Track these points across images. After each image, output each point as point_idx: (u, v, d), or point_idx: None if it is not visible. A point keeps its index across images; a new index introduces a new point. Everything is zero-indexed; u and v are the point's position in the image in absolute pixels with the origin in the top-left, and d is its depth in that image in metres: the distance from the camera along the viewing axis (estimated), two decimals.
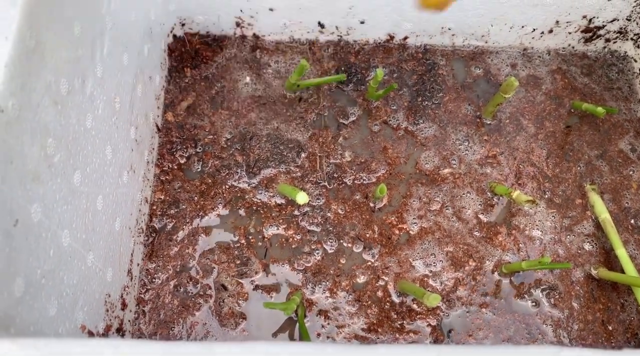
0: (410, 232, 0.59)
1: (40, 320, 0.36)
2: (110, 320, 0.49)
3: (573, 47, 0.68)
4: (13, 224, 0.33)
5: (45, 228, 0.37)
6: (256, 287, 0.56)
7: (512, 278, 0.57)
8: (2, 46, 0.32)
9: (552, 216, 0.60)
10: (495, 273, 0.57)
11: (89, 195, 0.43)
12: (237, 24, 0.66)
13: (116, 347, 0.26)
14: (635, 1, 0.62)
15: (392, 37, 0.67)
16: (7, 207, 0.32)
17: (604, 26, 0.65)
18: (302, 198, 0.55)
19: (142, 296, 0.55)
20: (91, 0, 0.43)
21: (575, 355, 0.26)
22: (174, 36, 0.65)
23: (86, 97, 0.43)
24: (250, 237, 0.58)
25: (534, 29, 0.65)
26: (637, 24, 0.64)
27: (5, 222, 0.32)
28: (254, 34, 0.67)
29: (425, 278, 0.57)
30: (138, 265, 0.55)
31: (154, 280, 0.56)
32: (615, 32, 0.66)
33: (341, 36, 0.67)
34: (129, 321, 0.53)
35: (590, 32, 0.66)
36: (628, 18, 0.64)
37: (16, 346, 0.26)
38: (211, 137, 0.62)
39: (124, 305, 0.51)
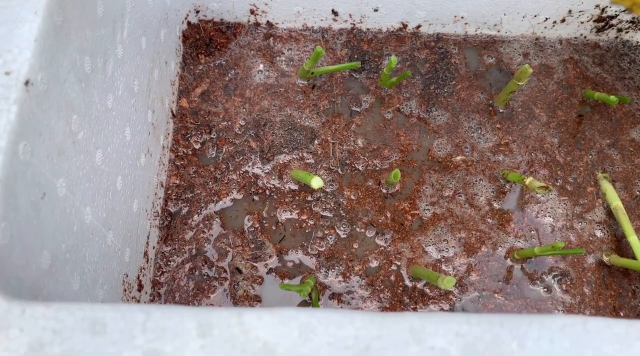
0: (423, 218, 0.59)
1: (64, 293, 0.36)
2: (128, 300, 0.49)
3: (585, 37, 0.68)
4: (41, 197, 0.33)
5: (70, 203, 0.37)
6: (270, 271, 0.56)
7: (524, 264, 0.57)
8: (33, 20, 0.32)
9: (564, 203, 0.60)
10: (508, 259, 0.58)
11: (109, 174, 0.44)
12: (251, 12, 0.66)
13: (147, 313, 0.26)
14: None
15: (405, 26, 0.67)
16: (35, 179, 0.32)
17: (616, 16, 0.65)
18: (316, 182, 0.55)
19: (158, 278, 0.56)
20: None
21: (600, 324, 0.26)
22: (189, 23, 0.66)
23: (107, 77, 0.43)
24: (265, 222, 0.58)
25: (547, 18, 0.66)
26: None
27: (34, 194, 0.32)
28: (268, 22, 0.67)
29: (438, 264, 0.57)
30: (154, 247, 0.56)
31: (169, 263, 0.56)
32: (627, 22, 0.66)
33: (354, 24, 0.67)
34: (145, 302, 0.53)
35: (603, 21, 0.66)
36: None
37: (50, 310, 0.26)
38: (225, 123, 0.63)
39: (140, 286, 0.52)
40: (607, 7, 0.64)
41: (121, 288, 0.47)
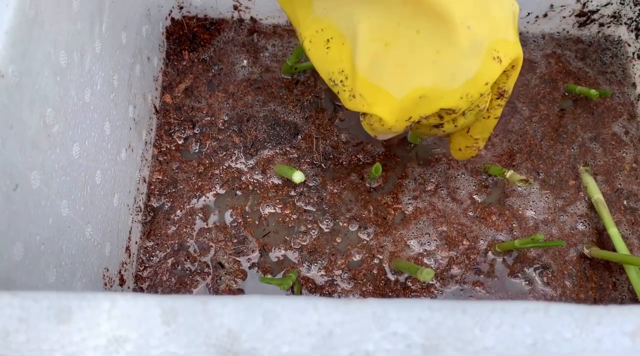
0: (405, 212, 0.59)
1: (39, 285, 0.36)
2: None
3: (567, 32, 0.69)
4: (13, 188, 0.33)
5: (45, 196, 0.37)
6: (253, 265, 0.57)
7: (505, 257, 0.58)
8: (3, 12, 0.32)
9: (546, 197, 0.61)
10: (489, 252, 0.58)
11: (87, 168, 0.44)
12: (235, 7, 0.66)
13: (113, 300, 0.26)
14: None
15: None
16: (7, 171, 0.33)
17: (597, 10, 0.66)
18: (298, 176, 0.55)
19: (140, 273, 0.56)
20: None
21: (561, 309, 0.27)
22: (172, 19, 0.66)
23: (85, 71, 0.43)
24: (247, 217, 0.59)
25: (529, 13, 0.66)
26: (631, 8, 0.65)
27: (6, 185, 0.32)
28: (252, 18, 0.67)
29: (420, 257, 0.57)
30: (136, 243, 0.56)
31: (151, 258, 0.57)
32: (609, 16, 0.66)
33: None
34: None
35: (584, 16, 0.66)
36: (621, 2, 0.65)
37: (16, 299, 0.26)
38: (208, 118, 0.63)
39: (122, 281, 0.52)
40: (588, 1, 0.64)
41: (101, 282, 0.48)
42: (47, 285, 0.37)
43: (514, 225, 0.59)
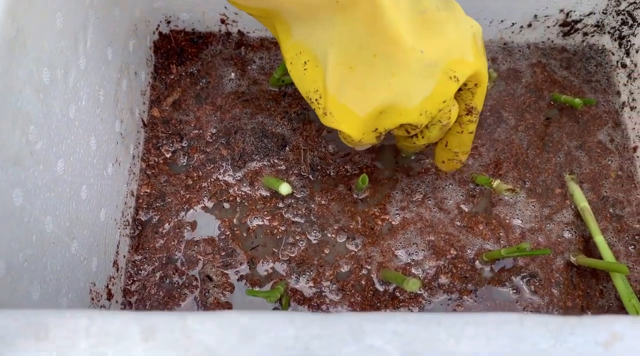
0: (393, 222, 0.60)
1: (23, 302, 0.37)
2: (96, 309, 0.49)
3: (552, 41, 0.69)
4: None
5: (28, 213, 0.37)
6: (241, 278, 0.57)
7: (492, 266, 0.58)
8: None
9: (533, 205, 0.61)
10: (477, 261, 0.58)
11: (72, 184, 0.44)
12: (222, 21, 0.67)
13: (91, 318, 0.27)
14: None
15: None
16: None
17: (581, 20, 0.66)
18: (285, 189, 0.56)
19: (129, 287, 0.56)
20: None
21: (536, 320, 0.27)
22: (160, 33, 0.67)
23: (69, 88, 0.44)
24: (235, 229, 0.59)
25: (513, 23, 0.67)
26: (613, 17, 0.66)
27: None
28: (239, 31, 0.68)
29: (408, 267, 0.58)
30: (124, 257, 0.56)
31: (140, 271, 0.57)
32: (592, 25, 0.67)
33: None
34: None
35: (568, 26, 0.67)
36: (604, 11, 0.65)
37: None
38: (196, 131, 0.63)
39: (110, 295, 0.52)
40: (571, 11, 0.65)
41: (88, 297, 0.48)
42: (31, 301, 0.38)
43: (500, 234, 0.59)
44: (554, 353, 0.26)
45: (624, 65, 0.66)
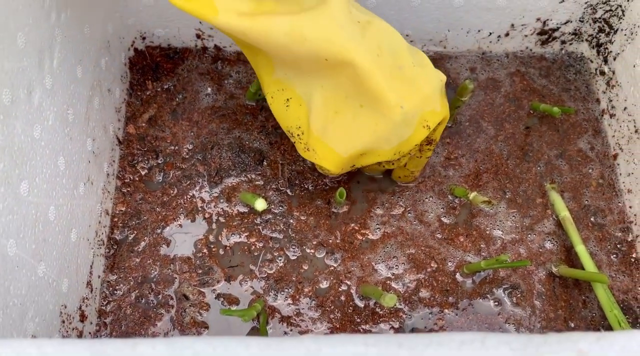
0: (373, 236, 0.59)
1: None
2: (68, 331, 0.48)
3: (531, 50, 0.69)
4: None
5: None
6: (218, 296, 0.56)
7: (473, 278, 0.57)
8: None
9: (513, 216, 0.60)
10: (457, 273, 0.57)
11: (38, 205, 0.43)
12: (198, 36, 0.66)
13: (39, 347, 0.26)
14: (585, 2, 0.63)
15: None
16: None
17: (558, 28, 0.66)
18: (260, 204, 0.55)
19: (104, 308, 0.55)
20: (37, 12, 0.43)
21: (499, 340, 0.26)
22: (135, 50, 0.66)
23: (34, 108, 0.43)
24: (212, 246, 0.58)
25: (491, 33, 0.66)
26: (590, 25, 0.66)
27: None
28: (215, 45, 0.67)
29: (388, 281, 0.57)
30: (99, 277, 0.55)
31: (115, 291, 0.56)
32: (570, 33, 0.67)
33: None
34: (90, 333, 0.53)
35: (546, 34, 0.67)
36: (581, 19, 0.65)
37: None
38: (172, 148, 0.62)
39: (83, 317, 0.51)
40: (548, 19, 0.65)
41: (58, 320, 0.47)
42: None
43: (481, 245, 0.59)
44: None
45: (602, 73, 0.66)
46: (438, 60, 0.69)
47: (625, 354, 0.26)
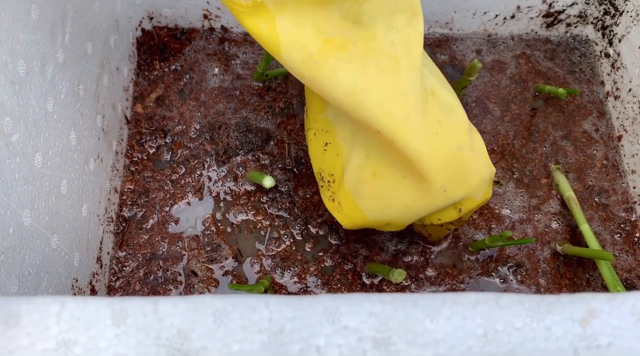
0: None
1: None
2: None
3: (536, 32, 0.69)
4: None
5: (4, 205, 0.37)
6: (226, 273, 0.56)
7: (478, 256, 0.58)
8: None
9: (521, 195, 0.61)
10: (464, 251, 0.58)
11: (51, 178, 0.44)
12: (205, 17, 0.66)
13: (63, 303, 0.26)
14: None
15: None
16: None
17: (564, 10, 0.66)
18: (268, 182, 0.55)
19: (113, 284, 0.55)
20: None
21: (512, 299, 0.27)
22: (143, 30, 0.66)
23: (47, 81, 0.43)
24: (220, 224, 0.58)
25: (497, 15, 0.67)
26: (596, 7, 0.66)
27: None
28: (222, 26, 0.68)
29: (394, 260, 0.57)
30: (108, 253, 0.56)
31: (124, 268, 0.56)
32: (575, 16, 0.67)
33: None
34: None
35: (551, 16, 0.67)
36: (587, 2, 0.65)
37: None
38: (180, 127, 0.63)
39: (93, 292, 0.52)
40: (553, 2, 0.65)
41: (70, 292, 0.47)
42: (9, 295, 0.37)
43: (492, 224, 0.59)
44: (529, 331, 0.26)
45: (607, 55, 0.66)
46: (444, 42, 0.69)
47: (635, 313, 0.27)
